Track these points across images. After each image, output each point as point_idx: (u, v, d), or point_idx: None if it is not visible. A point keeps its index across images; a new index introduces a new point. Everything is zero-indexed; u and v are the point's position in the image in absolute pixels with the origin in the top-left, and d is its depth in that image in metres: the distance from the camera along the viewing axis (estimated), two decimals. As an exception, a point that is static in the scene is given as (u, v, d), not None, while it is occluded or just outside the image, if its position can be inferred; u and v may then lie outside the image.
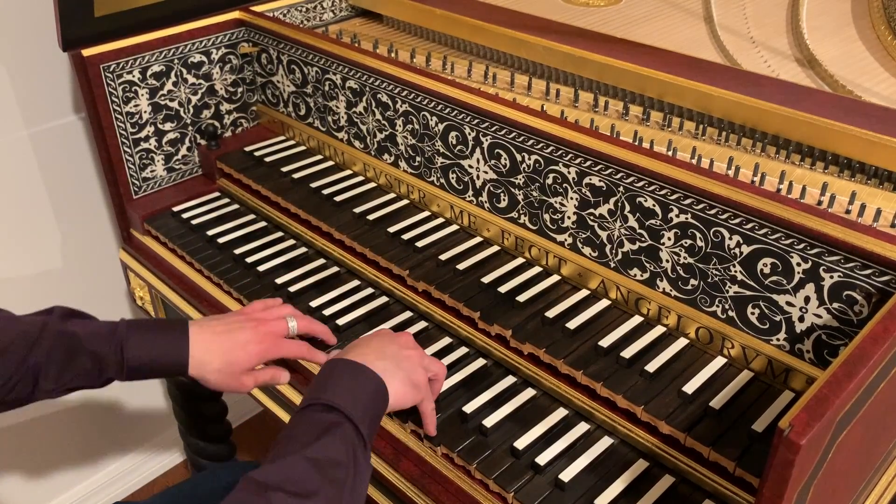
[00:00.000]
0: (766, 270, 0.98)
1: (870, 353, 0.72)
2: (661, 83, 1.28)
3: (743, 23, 1.46)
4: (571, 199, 1.17)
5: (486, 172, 1.28)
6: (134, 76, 1.50)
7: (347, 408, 0.85)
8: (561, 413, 1.06)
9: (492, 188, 1.28)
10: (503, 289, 1.20)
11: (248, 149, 1.62)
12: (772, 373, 1.02)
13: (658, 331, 1.11)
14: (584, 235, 1.18)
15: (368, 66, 1.37)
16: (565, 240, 1.21)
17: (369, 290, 1.31)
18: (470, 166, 1.30)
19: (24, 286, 1.77)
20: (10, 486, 1.91)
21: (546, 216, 1.22)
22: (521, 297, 1.18)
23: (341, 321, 1.22)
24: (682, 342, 1.09)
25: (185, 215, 1.54)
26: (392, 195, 1.46)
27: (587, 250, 1.19)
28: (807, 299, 0.96)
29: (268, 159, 1.58)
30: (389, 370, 0.93)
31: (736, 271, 1.01)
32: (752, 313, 1.02)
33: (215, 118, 1.67)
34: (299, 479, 0.79)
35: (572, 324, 1.13)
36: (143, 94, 1.53)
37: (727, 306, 1.04)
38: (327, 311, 1.25)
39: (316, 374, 0.89)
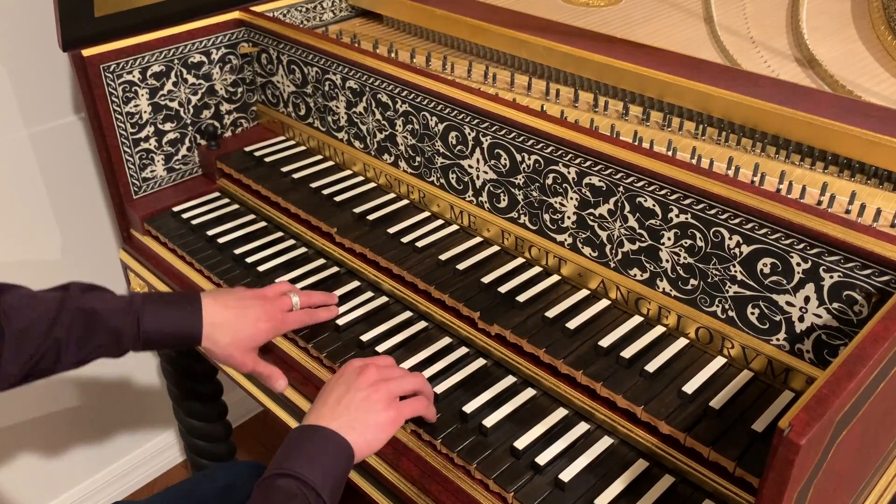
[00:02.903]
0: (766, 270, 0.98)
1: (870, 353, 0.72)
2: (661, 83, 1.28)
3: (743, 23, 1.46)
4: (571, 199, 1.17)
5: (486, 172, 1.28)
6: (134, 76, 1.50)
7: (307, 474, 0.87)
8: (561, 413, 1.06)
9: (492, 188, 1.28)
10: (503, 289, 1.20)
11: (248, 149, 1.62)
12: (772, 373, 1.02)
13: (658, 331, 1.11)
14: (584, 235, 1.18)
15: (368, 66, 1.37)
16: (565, 240, 1.21)
17: (369, 291, 1.31)
18: (470, 166, 1.30)
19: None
20: (10, 486, 1.91)
21: (546, 216, 1.22)
22: (521, 297, 1.18)
23: (341, 321, 1.22)
24: (682, 342, 1.09)
25: (185, 215, 1.54)
26: (392, 195, 1.46)
27: (587, 250, 1.19)
28: (807, 299, 0.96)
29: (268, 159, 1.58)
30: (347, 423, 0.93)
31: (736, 271, 1.01)
32: (752, 313, 1.02)
33: (215, 118, 1.67)
34: None
35: (572, 324, 1.13)
36: (143, 95, 1.53)
37: (727, 306, 1.04)
38: (327, 311, 1.25)
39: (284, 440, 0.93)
